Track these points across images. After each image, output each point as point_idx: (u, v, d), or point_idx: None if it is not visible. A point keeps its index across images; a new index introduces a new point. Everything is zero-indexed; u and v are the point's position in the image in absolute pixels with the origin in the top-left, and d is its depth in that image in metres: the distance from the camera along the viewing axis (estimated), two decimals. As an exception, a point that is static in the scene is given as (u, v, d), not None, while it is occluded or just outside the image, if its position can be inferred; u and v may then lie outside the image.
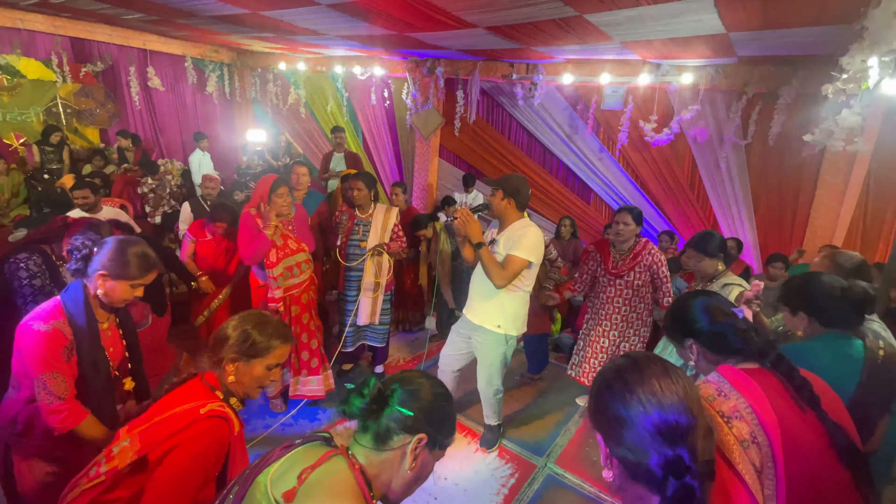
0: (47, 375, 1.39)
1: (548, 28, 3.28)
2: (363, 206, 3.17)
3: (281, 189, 2.68)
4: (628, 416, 0.79)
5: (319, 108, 6.91)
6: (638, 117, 4.62)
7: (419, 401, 0.97)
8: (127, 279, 1.51)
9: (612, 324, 3.02)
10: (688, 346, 1.32)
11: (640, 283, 2.92)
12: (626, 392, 0.81)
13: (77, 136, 6.01)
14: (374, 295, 3.18)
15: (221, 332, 1.34)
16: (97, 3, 4.17)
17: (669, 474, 0.74)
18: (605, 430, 0.84)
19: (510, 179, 2.49)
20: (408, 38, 4.24)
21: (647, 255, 2.88)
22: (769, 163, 4.29)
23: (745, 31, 2.98)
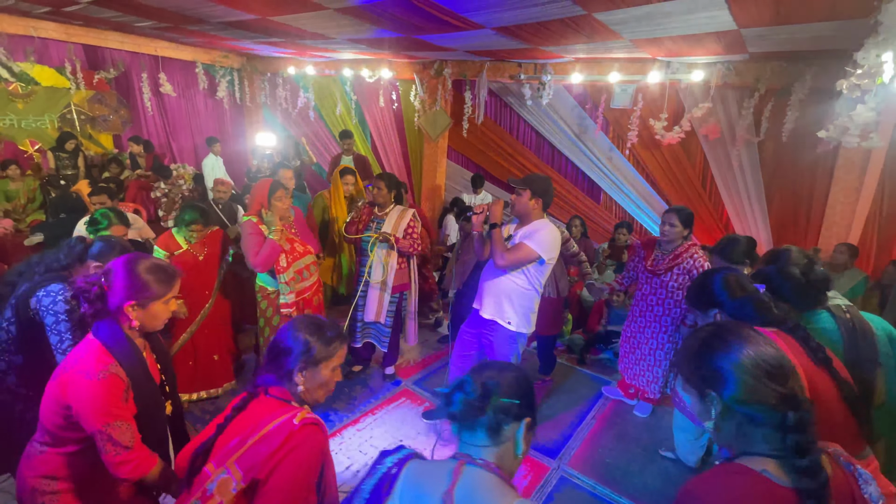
0: (112, 426, 1.27)
1: (556, 28, 3.27)
2: (382, 205, 3.20)
3: (279, 192, 2.67)
4: (740, 364, 0.89)
5: (328, 112, 6.96)
6: (648, 115, 4.58)
7: (517, 387, 1.02)
8: (157, 298, 1.42)
9: (646, 322, 3.03)
10: (713, 316, 1.51)
11: (675, 284, 2.85)
12: (730, 346, 0.92)
13: (91, 142, 6.11)
14: (380, 293, 3.20)
15: (279, 345, 1.27)
16: (109, 11, 4.23)
17: (789, 409, 0.85)
18: (718, 384, 0.91)
19: (538, 180, 2.50)
20: (415, 41, 4.25)
21: (687, 259, 2.80)
22: (782, 160, 4.24)
23: (757, 28, 2.95)
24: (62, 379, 1.30)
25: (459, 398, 1.00)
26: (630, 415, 3.27)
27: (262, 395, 1.26)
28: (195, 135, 7.18)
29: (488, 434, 0.98)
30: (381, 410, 3.21)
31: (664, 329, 2.95)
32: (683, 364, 1.00)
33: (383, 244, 3.13)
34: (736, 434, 0.92)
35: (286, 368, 1.24)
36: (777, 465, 0.86)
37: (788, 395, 0.87)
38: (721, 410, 0.92)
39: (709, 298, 1.53)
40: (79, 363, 1.30)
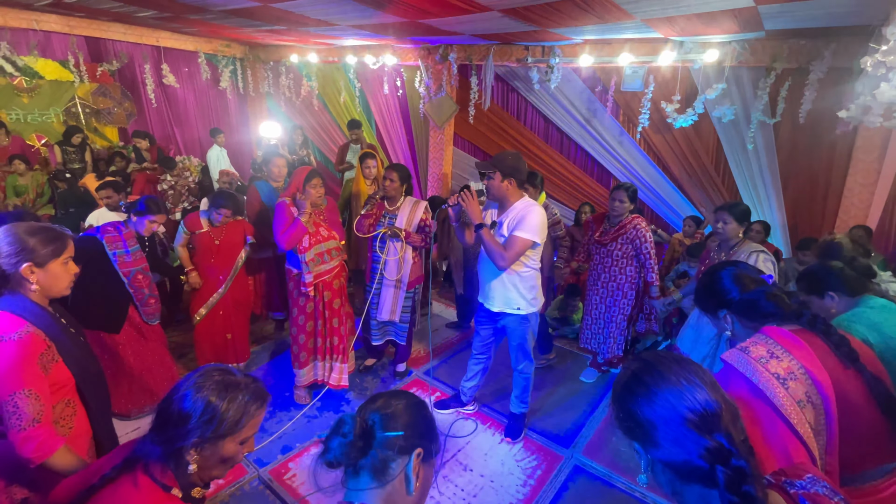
0: (20, 395, 1.17)
1: (566, 8, 3.17)
2: (393, 197, 3.14)
3: (315, 180, 2.81)
4: (657, 415, 0.79)
5: (332, 100, 6.88)
6: (660, 98, 4.47)
7: (402, 417, 0.91)
8: (54, 257, 1.34)
9: (598, 291, 3.33)
10: (722, 317, 1.38)
11: (620, 253, 3.16)
12: (648, 393, 0.81)
13: (97, 135, 6.10)
14: (395, 290, 3.17)
15: (172, 407, 0.96)
16: (110, 2, 4.17)
17: (716, 463, 0.73)
18: (640, 437, 0.82)
19: (505, 158, 2.40)
20: (420, 25, 4.16)
21: (631, 229, 3.09)
22: (799, 142, 4.12)
23: (776, 3, 2.83)
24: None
25: (337, 443, 0.86)
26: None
27: (139, 471, 0.95)
28: (199, 126, 7.15)
29: (373, 475, 0.87)
30: (393, 401, 3.21)
31: (612, 295, 3.26)
32: (614, 405, 0.90)
33: (395, 240, 3.10)
34: (672, 493, 0.82)
35: (176, 444, 0.94)
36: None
37: (714, 448, 0.74)
38: (649, 465, 0.83)
39: (719, 297, 1.37)
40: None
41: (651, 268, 3.11)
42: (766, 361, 1.12)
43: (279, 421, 2.94)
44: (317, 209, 2.90)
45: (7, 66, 5.17)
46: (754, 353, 1.15)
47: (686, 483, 0.78)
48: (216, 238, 3.13)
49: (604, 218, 3.28)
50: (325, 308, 2.99)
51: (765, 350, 1.15)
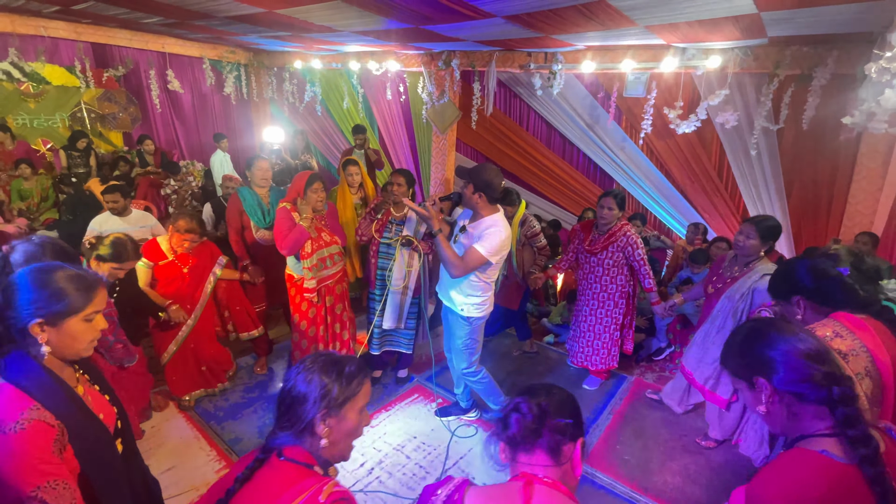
0: (44, 489, 0.97)
1: (569, 15, 3.18)
2: (400, 203, 3.13)
3: (316, 185, 2.79)
4: (780, 351, 0.99)
5: (335, 105, 6.91)
6: (662, 104, 4.47)
7: (569, 407, 1.04)
8: (74, 313, 1.11)
9: (589, 302, 3.26)
10: (794, 302, 1.54)
11: (611, 262, 3.11)
12: (770, 338, 1.02)
13: (101, 140, 6.14)
14: (402, 297, 3.15)
15: (290, 392, 1.03)
16: (117, 8, 4.22)
17: (832, 384, 0.93)
18: (765, 370, 1.00)
19: (481, 172, 2.37)
20: (423, 32, 4.18)
21: (621, 237, 3.05)
22: (803, 148, 4.11)
23: (779, 11, 2.84)
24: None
25: (514, 419, 1.01)
26: (648, 410, 3.22)
27: (275, 458, 1.01)
28: (203, 131, 7.19)
29: (549, 454, 0.99)
30: (394, 406, 3.19)
31: (604, 305, 3.21)
32: (729, 359, 1.09)
33: (405, 247, 3.09)
34: (787, 415, 1.00)
35: (305, 419, 1.01)
36: (834, 442, 0.92)
37: (830, 373, 0.94)
38: (770, 394, 1.00)
39: (792, 285, 1.55)
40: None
41: (647, 274, 3.05)
42: (830, 339, 1.31)
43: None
44: (318, 214, 2.89)
45: (14, 72, 5.22)
46: (819, 332, 1.33)
47: (803, 403, 0.97)
48: (184, 266, 2.86)
49: (592, 226, 3.22)
50: (328, 313, 2.98)
51: (830, 330, 1.34)
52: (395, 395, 3.32)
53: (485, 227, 2.38)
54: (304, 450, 1.02)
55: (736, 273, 2.55)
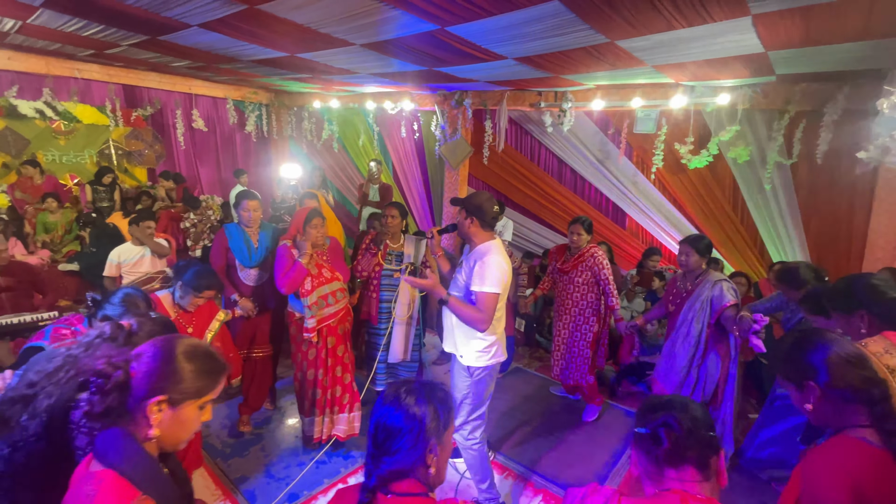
0: None
1: (578, 56, 3.28)
2: (395, 235, 3.17)
3: (315, 220, 2.75)
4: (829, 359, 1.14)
5: (351, 143, 7.12)
6: (673, 140, 4.52)
7: (708, 419, 1.08)
8: (196, 397, 1.05)
9: (563, 318, 3.52)
10: (857, 315, 1.65)
11: (580, 280, 3.44)
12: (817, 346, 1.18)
13: (126, 175, 6.37)
14: (407, 328, 3.13)
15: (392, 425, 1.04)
16: (148, 53, 4.47)
17: (871, 387, 1.11)
18: (813, 374, 1.16)
19: (472, 197, 2.36)
20: (437, 73, 4.34)
21: (588, 258, 3.41)
22: (818, 183, 4.09)
23: (786, 50, 2.90)
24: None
25: (667, 434, 1.03)
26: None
27: (381, 497, 0.99)
28: (223, 167, 7.43)
29: (698, 469, 1.02)
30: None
31: (575, 320, 3.48)
32: (780, 364, 1.26)
33: (411, 275, 3.09)
34: (832, 412, 1.16)
35: (418, 452, 1.00)
36: (872, 432, 1.10)
37: (870, 377, 1.12)
38: (818, 395, 1.15)
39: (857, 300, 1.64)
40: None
41: (611, 293, 3.37)
42: (881, 355, 1.43)
43: (286, 466, 2.85)
44: (319, 250, 2.84)
45: (48, 111, 5.51)
46: (872, 348, 1.47)
47: (846, 402, 1.13)
48: (188, 325, 2.53)
49: (565, 248, 3.64)
50: (328, 355, 2.84)
51: (882, 347, 1.47)
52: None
53: (477, 255, 2.27)
54: (415, 481, 1.01)
55: (689, 287, 2.91)
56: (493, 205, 2.38)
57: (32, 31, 3.81)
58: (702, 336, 2.79)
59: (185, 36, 3.52)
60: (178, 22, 3.13)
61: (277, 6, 2.65)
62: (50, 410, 1.15)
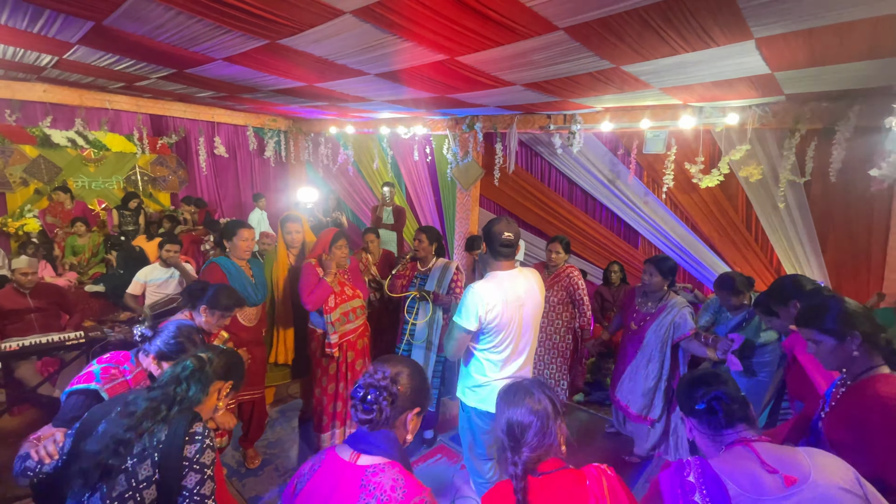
0: None
1: (585, 81, 3.37)
2: (425, 258, 3.23)
3: (340, 241, 2.91)
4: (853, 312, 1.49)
5: (366, 166, 7.31)
6: (683, 159, 4.54)
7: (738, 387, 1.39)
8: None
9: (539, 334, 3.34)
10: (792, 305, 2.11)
11: (556, 299, 3.51)
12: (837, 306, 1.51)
13: (151, 200, 6.62)
14: (426, 352, 3.16)
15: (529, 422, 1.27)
16: (175, 84, 4.72)
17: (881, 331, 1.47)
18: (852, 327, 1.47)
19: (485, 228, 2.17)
20: (448, 99, 4.47)
21: (564, 277, 3.52)
22: (833, 200, 4.05)
23: (792, 70, 2.93)
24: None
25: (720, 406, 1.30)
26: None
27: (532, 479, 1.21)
28: (243, 191, 7.67)
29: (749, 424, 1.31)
30: (417, 467, 3.09)
31: (550, 338, 3.54)
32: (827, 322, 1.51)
33: (425, 302, 3.14)
34: (859, 354, 1.46)
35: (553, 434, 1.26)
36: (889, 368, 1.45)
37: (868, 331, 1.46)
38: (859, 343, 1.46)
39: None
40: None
41: (584, 312, 3.48)
42: None
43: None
44: (341, 269, 2.97)
45: (79, 140, 5.81)
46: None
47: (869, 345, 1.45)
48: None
49: (543, 266, 3.70)
50: (348, 369, 2.94)
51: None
52: (417, 455, 3.23)
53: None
54: (556, 458, 1.26)
55: (652, 309, 3.00)
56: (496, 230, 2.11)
57: (67, 65, 4.07)
58: (665, 359, 2.93)
59: (209, 69, 3.72)
60: (204, 56, 3.32)
61: (297, 40, 2.80)
62: (160, 447, 1.28)
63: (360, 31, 2.55)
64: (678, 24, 2.19)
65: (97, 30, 2.90)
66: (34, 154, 5.55)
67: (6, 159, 5.34)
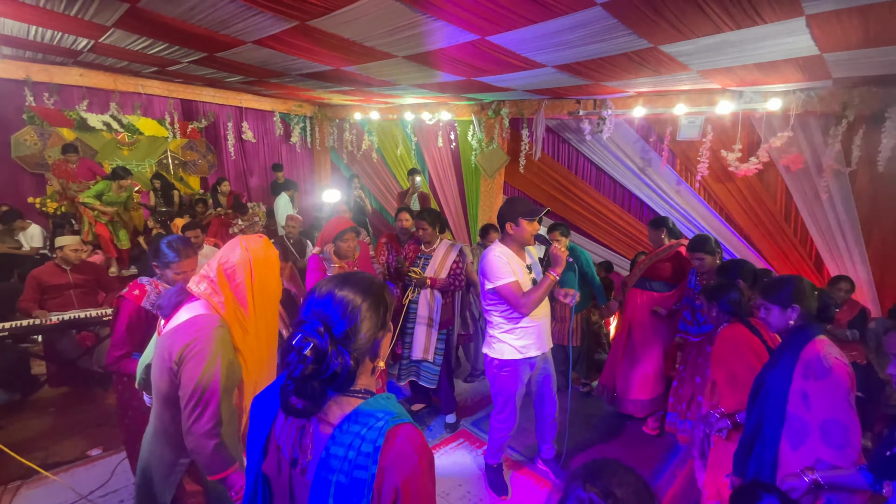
0: None
1: (620, 62, 3.26)
2: (430, 241, 3.27)
3: (347, 235, 2.84)
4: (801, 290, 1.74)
5: (390, 152, 7.30)
6: (719, 147, 4.37)
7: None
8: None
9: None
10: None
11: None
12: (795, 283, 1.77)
13: (181, 183, 6.78)
14: (428, 329, 3.19)
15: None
16: (206, 69, 4.78)
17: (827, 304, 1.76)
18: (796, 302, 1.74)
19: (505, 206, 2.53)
20: (476, 83, 4.40)
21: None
22: (880, 191, 3.83)
23: (843, 52, 2.76)
24: None
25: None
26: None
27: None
28: (269, 176, 7.80)
29: None
30: (439, 450, 3.11)
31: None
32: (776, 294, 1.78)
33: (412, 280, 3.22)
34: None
35: None
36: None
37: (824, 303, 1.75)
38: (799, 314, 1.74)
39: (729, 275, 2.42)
40: None
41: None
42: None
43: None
44: (349, 260, 2.93)
45: (114, 123, 5.97)
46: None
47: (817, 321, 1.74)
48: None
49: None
50: None
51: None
52: (439, 439, 3.24)
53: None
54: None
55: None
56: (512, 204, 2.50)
57: (103, 49, 4.16)
58: None
59: (240, 52, 3.75)
60: (234, 39, 3.35)
61: (326, 22, 2.79)
62: None
63: (391, 10, 2.51)
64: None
65: (132, 12, 2.95)
66: (71, 137, 5.73)
67: (45, 141, 5.52)
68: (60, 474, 2.70)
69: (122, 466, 2.77)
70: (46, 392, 3.70)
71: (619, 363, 3.51)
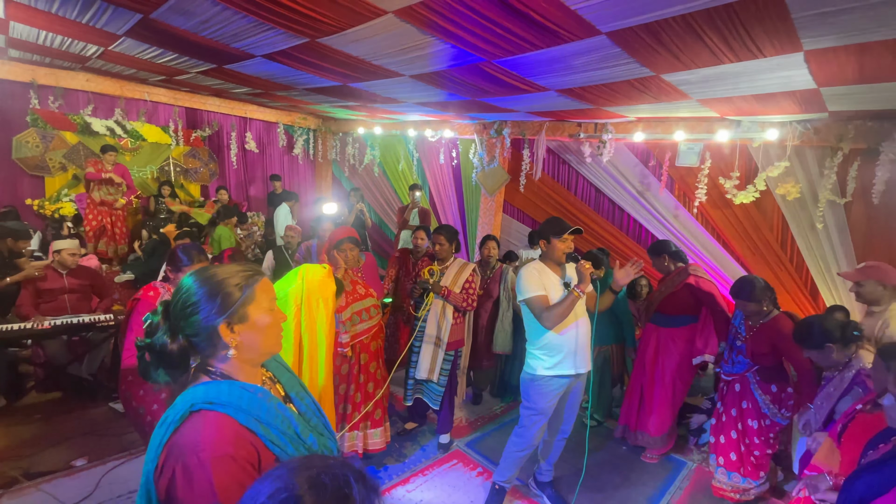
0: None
1: (622, 88, 3.32)
2: (444, 258, 3.23)
3: (345, 245, 2.80)
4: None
5: (391, 167, 7.36)
6: (717, 174, 4.43)
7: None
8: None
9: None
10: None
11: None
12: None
13: (182, 191, 6.79)
14: (434, 348, 3.13)
15: None
16: (212, 80, 4.83)
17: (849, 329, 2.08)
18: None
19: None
20: (479, 103, 4.47)
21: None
22: (875, 223, 3.88)
23: (840, 86, 2.83)
24: None
25: None
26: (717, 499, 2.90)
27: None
28: (269, 186, 7.82)
29: None
30: (432, 471, 3.06)
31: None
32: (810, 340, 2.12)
33: (436, 296, 3.14)
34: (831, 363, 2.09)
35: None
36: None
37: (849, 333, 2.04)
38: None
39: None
40: None
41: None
42: None
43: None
44: (353, 267, 2.88)
45: (117, 129, 6.00)
46: None
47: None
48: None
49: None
50: (361, 371, 2.84)
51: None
52: (433, 459, 3.19)
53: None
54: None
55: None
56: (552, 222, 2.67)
57: (112, 56, 4.21)
58: None
59: (249, 65, 3.80)
60: (244, 53, 3.40)
61: (336, 40, 2.84)
62: None
63: (400, 31, 2.56)
64: (726, 32, 2.14)
65: (144, 22, 2.99)
66: (74, 140, 5.75)
67: (47, 144, 5.54)
68: (43, 484, 2.63)
69: (106, 479, 2.71)
70: (33, 398, 3.64)
71: (635, 403, 3.43)
